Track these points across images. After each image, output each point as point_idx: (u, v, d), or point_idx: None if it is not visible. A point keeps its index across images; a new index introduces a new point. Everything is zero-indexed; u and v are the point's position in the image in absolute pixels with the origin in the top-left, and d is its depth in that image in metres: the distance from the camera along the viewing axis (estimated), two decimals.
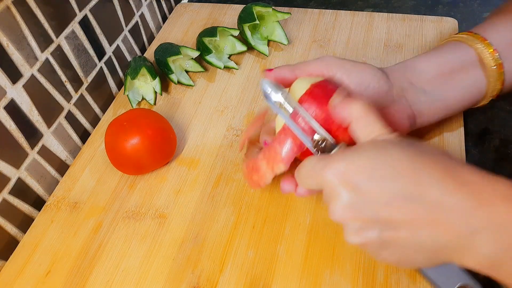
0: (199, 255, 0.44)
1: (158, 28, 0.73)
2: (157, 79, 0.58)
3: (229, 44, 0.64)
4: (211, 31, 0.62)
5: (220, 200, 0.48)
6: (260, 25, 0.65)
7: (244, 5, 0.64)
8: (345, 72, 0.40)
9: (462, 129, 0.50)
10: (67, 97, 0.55)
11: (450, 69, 0.43)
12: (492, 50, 0.43)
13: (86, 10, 0.57)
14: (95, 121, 0.60)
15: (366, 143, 0.33)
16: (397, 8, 0.69)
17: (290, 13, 0.62)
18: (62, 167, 0.55)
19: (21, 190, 0.50)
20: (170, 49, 0.60)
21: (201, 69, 0.62)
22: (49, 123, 0.53)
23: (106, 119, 0.59)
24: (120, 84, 0.65)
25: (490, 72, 0.43)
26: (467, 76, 0.43)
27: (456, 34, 0.47)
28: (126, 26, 0.65)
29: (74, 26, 0.55)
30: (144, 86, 0.60)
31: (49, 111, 0.52)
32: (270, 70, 0.42)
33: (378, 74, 0.41)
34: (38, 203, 0.52)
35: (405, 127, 0.43)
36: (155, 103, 0.60)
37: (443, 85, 0.43)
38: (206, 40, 0.62)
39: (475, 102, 0.46)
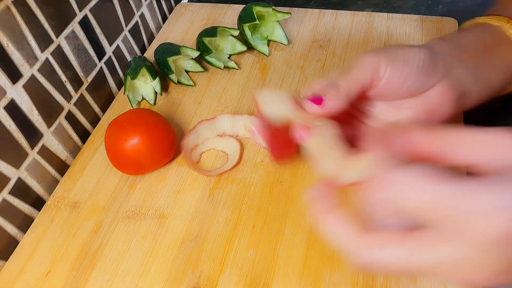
0: (199, 255, 0.44)
1: (158, 28, 0.73)
2: (157, 79, 0.58)
3: (229, 44, 0.64)
4: (211, 31, 0.62)
5: (220, 200, 0.48)
6: (260, 25, 0.65)
7: (244, 5, 0.64)
8: (391, 65, 0.34)
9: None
10: (67, 97, 0.55)
11: (486, 47, 0.40)
12: None
13: (86, 10, 0.57)
14: (95, 121, 0.60)
15: None
16: (397, 8, 0.69)
17: (290, 13, 0.62)
18: (62, 167, 0.55)
19: (21, 190, 0.50)
20: (170, 49, 0.60)
21: (201, 69, 0.62)
22: (49, 123, 0.53)
23: (106, 119, 0.59)
24: (120, 84, 0.65)
25: None
26: (502, 54, 0.40)
27: (475, 18, 0.43)
28: (126, 26, 0.65)
29: (74, 26, 0.55)
30: (144, 86, 0.60)
31: (49, 111, 0.53)
32: (318, 101, 0.35)
33: (423, 57, 0.36)
34: (38, 203, 0.52)
35: (454, 109, 0.38)
36: (155, 103, 0.60)
37: (484, 63, 0.39)
38: (206, 40, 0.62)
39: (507, 86, 0.42)
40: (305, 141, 0.34)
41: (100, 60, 0.60)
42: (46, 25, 0.51)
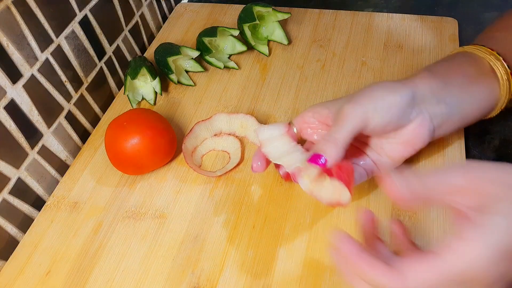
0: (199, 255, 0.44)
1: (158, 28, 0.73)
2: (157, 79, 0.58)
3: (229, 44, 0.64)
4: (211, 31, 0.62)
5: (220, 200, 0.48)
6: (260, 25, 0.65)
7: (244, 5, 0.64)
8: (377, 115, 0.39)
9: (462, 129, 0.50)
10: (67, 97, 0.55)
11: (469, 81, 0.43)
12: (501, 60, 0.43)
13: (86, 10, 0.57)
14: (95, 121, 0.60)
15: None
16: (397, 8, 0.69)
17: (290, 13, 0.62)
18: (62, 167, 0.55)
19: (21, 190, 0.50)
20: (170, 49, 0.60)
21: (201, 69, 0.62)
22: (49, 123, 0.53)
23: (106, 119, 0.59)
24: (120, 84, 0.65)
25: (501, 82, 0.43)
26: (482, 86, 0.43)
27: (463, 47, 0.47)
28: (126, 26, 0.65)
29: (74, 26, 0.55)
30: (144, 86, 0.60)
31: (49, 111, 0.52)
32: (317, 158, 0.38)
33: (404, 101, 0.40)
34: (38, 203, 0.52)
35: (425, 142, 0.42)
36: (155, 103, 0.60)
37: (463, 97, 0.43)
38: (206, 40, 0.62)
39: (487, 113, 0.45)
40: (297, 181, 0.40)
41: (100, 60, 0.60)
42: (46, 25, 0.51)
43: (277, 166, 0.46)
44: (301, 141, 0.45)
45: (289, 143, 0.43)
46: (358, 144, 0.45)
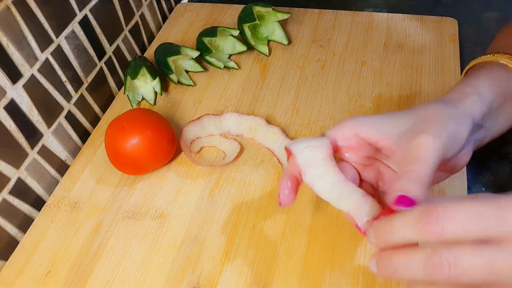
0: (199, 255, 0.44)
1: (158, 28, 0.73)
2: (157, 79, 0.58)
3: (229, 44, 0.64)
4: (211, 31, 0.62)
5: (220, 200, 0.48)
6: (260, 25, 0.65)
7: (244, 5, 0.64)
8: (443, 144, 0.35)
9: None
10: (67, 97, 0.55)
11: (504, 100, 0.41)
12: None
13: (86, 10, 0.57)
14: (95, 121, 0.60)
15: None
16: (397, 8, 0.69)
17: (290, 13, 0.62)
18: (62, 167, 0.55)
19: (21, 190, 0.50)
20: (170, 49, 0.60)
21: (201, 69, 0.62)
22: (49, 123, 0.53)
23: (106, 119, 0.59)
24: (120, 84, 0.65)
25: None
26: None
27: (493, 55, 0.44)
28: (126, 26, 0.65)
29: (74, 26, 0.55)
30: (144, 86, 0.60)
31: (49, 111, 0.52)
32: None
33: (470, 132, 0.37)
34: (38, 203, 0.52)
35: (463, 167, 0.40)
36: (155, 103, 0.60)
37: (499, 118, 0.41)
38: (206, 40, 0.62)
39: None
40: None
41: (100, 60, 0.60)
42: (46, 25, 0.51)
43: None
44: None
45: (338, 176, 0.34)
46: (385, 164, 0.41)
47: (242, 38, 0.63)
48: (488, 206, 0.26)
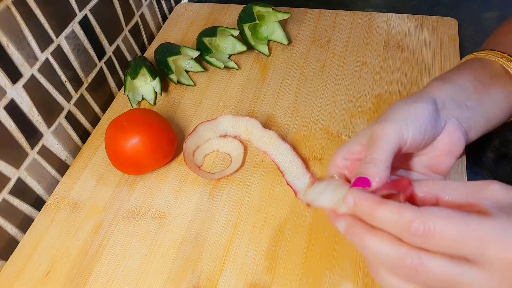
0: (199, 255, 0.44)
1: (158, 28, 0.73)
2: (157, 79, 0.58)
3: (229, 44, 0.64)
4: (211, 31, 0.62)
5: (220, 200, 0.48)
6: (260, 25, 0.65)
7: (244, 5, 0.64)
8: (411, 128, 0.38)
9: None
10: (67, 97, 0.55)
11: (483, 84, 0.42)
12: None
13: (86, 10, 0.57)
14: (95, 121, 0.60)
15: None
16: (397, 8, 0.69)
17: (290, 13, 0.62)
18: (62, 167, 0.55)
19: (21, 190, 0.50)
20: (170, 49, 0.60)
21: (201, 69, 0.62)
22: (49, 123, 0.53)
23: (106, 119, 0.59)
24: (120, 84, 0.65)
25: None
26: (499, 89, 0.43)
27: (472, 54, 0.46)
28: (126, 26, 0.65)
29: (74, 26, 0.55)
30: (144, 86, 0.60)
31: (49, 111, 0.52)
32: (363, 183, 0.36)
33: (431, 109, 0.39)
34: (38, 203, 0.52)
35: (463, 146, 0.41)
36: (155, 103, 0.60)
37: (481, 99, 0.42)
38: (206, 40, 0.62)
39: (509, 115, 0.45)
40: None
41: (100, 60, 0.60)
42: (46, 25, 0.51)
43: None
44: None
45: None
46: (402, 174, 0.43)
47: (242, 38, 0.63)
48: (474, 231, 0.27)
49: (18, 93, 0.48)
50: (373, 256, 0.30)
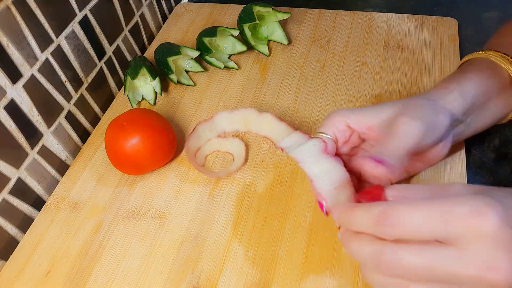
0: (199, 255, 0.44)
1: (158, 28, 0.73)
2: (157, 79, 0.58)
3: (229, 44, 0.64)
4: (211, 31, 0.62)
5: (220, 200, 0.48)
6: (260, 25, 0.65)
7: (244, 5, 0.64)
8: (430, 135, 0.38)
9: None
10: (67, 97, 0.55)
11: (488, 96, 0.42)
12: None
13: (86, 10, 0.57)
14: (95, 121, 0.60)
15: None
16: (397, 8, 0.69)
17: (290, 13, 0.62)
18: (62, 167, 0.55)
19: (21, 190, 0.50)
20: (170, 49, 0.60)
21: (201, 69, 0.62)
22: (49, 123, 0.53)
23: (106, 119, 0.59)
24: (120, 84, 0.65)
25: None
26: (502, 102, 0.43)
27: (485, 51, 0.44)
28: (126, 26, 0.65)
29: (74, 26, 0.55)
30: (144, 86, 0.60)
31: (49, 111, 0.52)
32: (381, 162, 0.37)
33: (450, 124, 0.39)
34: (38, 203, 0.52)
35: (442, 159, 0.43)
36: (155, 103, 0.60)
37: (482, 113, 0.42)
38: (206, 40, 0.62)
39: (499, 122, 0.45)
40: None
41: (100, 60, 0.60)
42: (46, 25, 0.51)
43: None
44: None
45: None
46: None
47: (242, 38, 0.63)
48: (437, 210, 0.27)
49: (18, 93, 0.48)
50: (358, 258, 0.31)
